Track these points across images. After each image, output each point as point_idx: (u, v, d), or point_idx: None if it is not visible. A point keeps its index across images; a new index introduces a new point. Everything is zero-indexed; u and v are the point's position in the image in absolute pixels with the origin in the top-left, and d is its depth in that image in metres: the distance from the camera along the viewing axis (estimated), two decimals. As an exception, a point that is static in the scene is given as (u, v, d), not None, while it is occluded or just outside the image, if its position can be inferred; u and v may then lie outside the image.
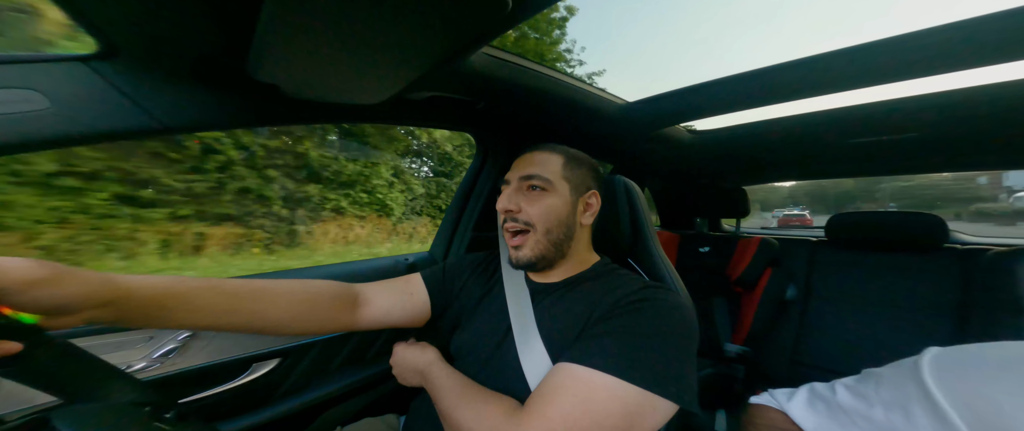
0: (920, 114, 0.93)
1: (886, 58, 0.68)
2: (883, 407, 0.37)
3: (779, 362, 1.24)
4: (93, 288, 0.36)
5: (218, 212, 4.15)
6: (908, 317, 1.10)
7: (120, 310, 0.38)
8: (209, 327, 0.47)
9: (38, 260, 0.33)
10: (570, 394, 0.40)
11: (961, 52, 0.62)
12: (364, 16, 0.37)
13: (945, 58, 0.64)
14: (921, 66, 0.67)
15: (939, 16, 1.36)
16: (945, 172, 1.39)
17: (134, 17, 0.43)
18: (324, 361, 0.86)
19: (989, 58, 0.62)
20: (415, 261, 1.06)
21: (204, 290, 0.46)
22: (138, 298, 0.40)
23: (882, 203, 13.90)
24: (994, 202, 12.62)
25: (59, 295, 0.33)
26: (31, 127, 0.44)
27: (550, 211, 0.56)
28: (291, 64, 0.48)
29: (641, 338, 0.43)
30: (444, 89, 0.75)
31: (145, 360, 0.62)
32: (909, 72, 0.70)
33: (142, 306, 0.40)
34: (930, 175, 3.73)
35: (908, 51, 0.65)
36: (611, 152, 1.39)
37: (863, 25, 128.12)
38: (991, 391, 0.31)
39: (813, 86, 0.83)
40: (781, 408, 0.46)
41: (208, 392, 0.68)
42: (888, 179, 15.81)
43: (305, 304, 0.55)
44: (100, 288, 0.36)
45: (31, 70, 0.44)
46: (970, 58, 0.63)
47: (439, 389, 0.52)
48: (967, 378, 0.33)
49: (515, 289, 0.61)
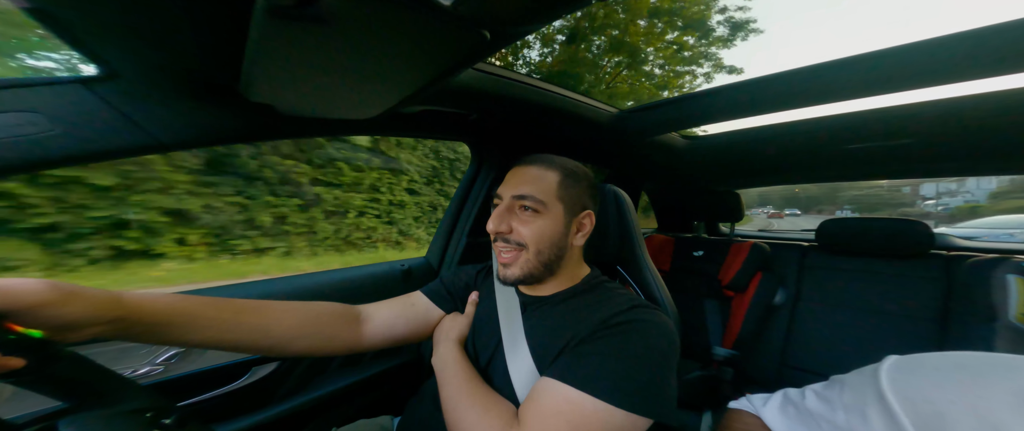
0: (912, 121, 0.94)
1: (878, 70, 0.70)
2: (844, 411, 0.39)
3: (768, 365, 1.26)
4: (99, 307, 0.38)
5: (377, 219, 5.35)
6: (893, 323, 1.12)
7: (125, 327, 0.40)
8: (213, 345, 0.48)
9: (48, 281, 0.35)
10: (563, 420, 0.42)
11: (954, 64, 0.64)
12: (350, 46, 0.39)
13: (937, 71, 0.66)
14: (913, 78, 0.69)
15: (938, 28, 1.36)
16: (936, 177, 1.41)
17: (132, 44, 0.45)
18: (321, 364, 0.89)
19: (980, 72, 0.64)
20: (411, 267, 1.08)
21: (208, 307, 0.47)
22: (143, 316, 0.42)
23: (840, 206, 17.01)
24: (912, 207, 17.96)
25: (66, 314, 0.35)
26: (34, 149, 0.46)
27: (542, 233, 0.54)
28: (281, 86, 0.50)
29: (629, 361, 0.45)
30: (436, 103, 0.77)
31: (149, 364, 0.65)
32: (901, 84, 0.72)
33: (147, 324, 0.42)
34: (872, 184, 3.96)
35: (900, 64, 0.67)
36: (606, 158, 1.40)
37: (852, 36, 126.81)
38: (935, 396, 0.33)
39: (803, 97, 0.84)
40: (756, 412, 0.48)
41: (208, 395, 0.70)
42: (848, 186, 18.75)
43: (308, 321, 0.55)
44: (106, 307, 0.38)
45: (33, 93, 0.46)
46: (965, 71, 0.65)
47: (447, 375, 0.53)
48: (917, 384, 0.35)
49: (506, 302, 0.61)
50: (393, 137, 4.95)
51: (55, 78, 0.47)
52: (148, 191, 3.14)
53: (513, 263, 0.55)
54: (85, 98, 0.49)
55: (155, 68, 0.49)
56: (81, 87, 0.48)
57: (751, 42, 11.36)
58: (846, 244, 1.29)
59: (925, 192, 18.35)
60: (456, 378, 0.53)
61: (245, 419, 0.75)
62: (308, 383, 0.86)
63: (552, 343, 0.52)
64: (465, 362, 0.56)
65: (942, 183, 15.44)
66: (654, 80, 8.88)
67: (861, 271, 1.24)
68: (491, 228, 0.55)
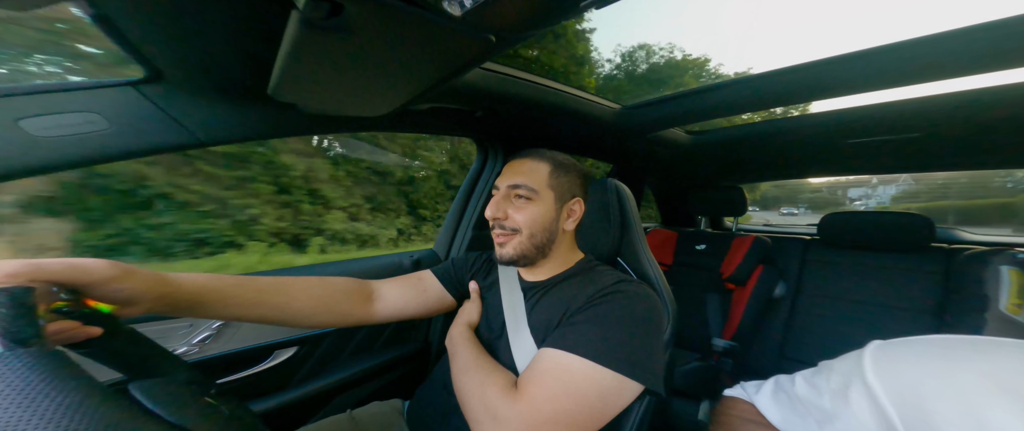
0: (918, 116, 0.95)
1: (880, 66, 0.72)
2: (830, 395, 0.40)
3: (767, 357, 1.29)
4: (151, 284, 0.42)
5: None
6: (893, 315, 1.13)
7: (171, 303, 0.45)
8: (239, 318, 0.53)
9: (111, 261, 0.40)
10: (553, 378, 0.46)
11: (957, 60, 0.66)
12: (368, 51, 0.43)
13: (940, 66, 0.68)
14: (916, 74, 0.71)
15: (936, 24, 1.34)
16: (939, 171, 1.40)
17: (174, 47, 0.49)
18: (336, 350, 0.94)
19: (983, 67, 0.66)
20: (420, 257, 1.12)
21: (235, 286, 0.52)
22: (185, 293, 0.46)
23: (796, 204, 19.02)
24: (842, 205, 21.54)
25: (128, 289, 0.40)
26: (94, 145, 0.51)
27: (535, 218, 0.60)
28: (306, 88, 0.54)
29: (610, 325, 0.49)
30: (444, 101, 0.80)
31: (186, 345, 0.70)
32: (904, 79, 0.74)
33: (188, 300, 0.47)
34: (821, 184, 4.31)
35: (902, 59, 0.69)
36: (610, 153, 1.43)
37: (846, 34, 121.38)
38: (913, 377, 0.35)
39: (805, 93, 0.86)
40: (750, 400, 0.49)
41: (236, 375, 0.76)
42: (806, 187, 22.28)
43: (323, 297, 0.61)
44: (156, 284, 0.43)
45: (91, 96, 0.51)
46: (967, 66, 0.67)
47: (457, 351, 0.59)
48: (898, 366, 0.36)
49: (510, 288, 0.67)
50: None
51: (108, 81, 0.52)
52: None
53: (507, 243, 0.61)
54: (134, 99, 0.54)
55: (195, 71, 0.54)
56: (130, 89, 0.53)
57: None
58: (848, 238, 1.30)
59: (851, 194, 22.16)
60: (464, 352, 0.58)
61: (270, 398, 0.81)
62: (325, 367, 0.92)
63: (549, 321, 0.57)
64: (473, 339, 0.61)
65: (862, 189, 20.46)
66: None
67: (862, 265, 1.25)
68: (489, 214, 0.62)
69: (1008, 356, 0.32)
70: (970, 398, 0.31)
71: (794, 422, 0.43)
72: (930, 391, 0.33)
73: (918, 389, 0.34)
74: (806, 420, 0.42)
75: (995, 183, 13.47)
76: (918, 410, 0.34)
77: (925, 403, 0.33)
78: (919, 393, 0.34)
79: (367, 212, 5.42)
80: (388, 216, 5.73)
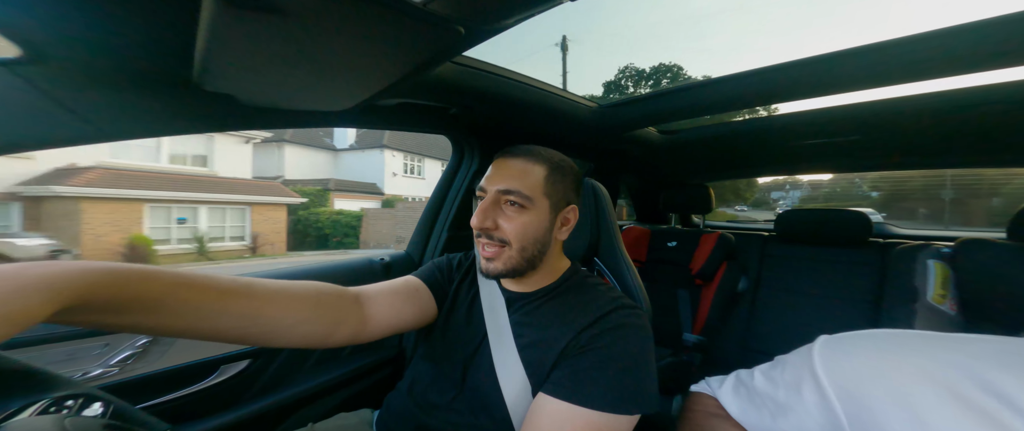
0: (877, 117, 1.02)
1: (847, 69, 0.74)
2: (784, 388, 0.42)
3: (731, 349, 1.35)
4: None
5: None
6: (837, 306, 1.23)
7: (71, 312, 0.30)
8: (190, 333, 0.38)
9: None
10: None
11: (919, 64, 0.69)
12: (311, 38, 0.38)
13: (903, 70, 0.71)
14: (881, 76, 0.74)
15: (917, 24, 1.45)
16: (908, 170, 1.55)
17: (58, 24, 0.40)
18: (298, 360, 0.86)
19: (944, 71, 0.69)
20: (391, 261, 1.06)
21: (181, 288, 0.36)
22: (91, 297, 0.31)
23: (744, 202, 21.30)
24: (768, 204, 25.79)
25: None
26: None
27: (527, 229, 0.53)
28: (241, 77, 0.47)
29: (621, 371, 0.48)
30: (414, 96, 0.75)
31: (102, 367, 0.61)
32: (871, 82, 0.77)
33: (95, 307, 0.32)
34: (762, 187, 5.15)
35: (868, 63, 0.72)
36: (586, 152, 1.43)
37: (828, 33, 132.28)
38: (855, 370, 0.37)
39: (774, 95, 0.89)
40: (714, 394, 0.51)
41: (170, 396, 0.67)
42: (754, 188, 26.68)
43: (308, 304, 0.46)
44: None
45: None
46: (928, 70, 0.70)
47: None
48: (842, 361, 0.38)
49: (490, 296, 0.61)
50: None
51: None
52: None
53: (496, 258, 0.54)
54: (10, 81, 0.44)
55: (92, 52, 0.46)
56: (3, 69, 0.44)
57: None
58: (799, 233, 1.40)
59: (773, 195, 27.57)
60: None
61: (214, 418, 0.72)
62: (284, 380, 0.84)
63: (543, 347, 0.53)
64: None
65: (780, 191, 25.30)
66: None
67: (812, 259, 1.35)
68: (475, 224, 0.53)
69: (943, 351, 0.34)
70: (907, 392, 0.33)
71: (752, 414, 0.44)
72: (871, 385, 0.35)
73: (860, 383, 0.35)
74: (762, 412, 0.43)
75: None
76: (860, 403, 0.35)
77: (866, 396, 0.35)
78: (861, 387, 0.35)
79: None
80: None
